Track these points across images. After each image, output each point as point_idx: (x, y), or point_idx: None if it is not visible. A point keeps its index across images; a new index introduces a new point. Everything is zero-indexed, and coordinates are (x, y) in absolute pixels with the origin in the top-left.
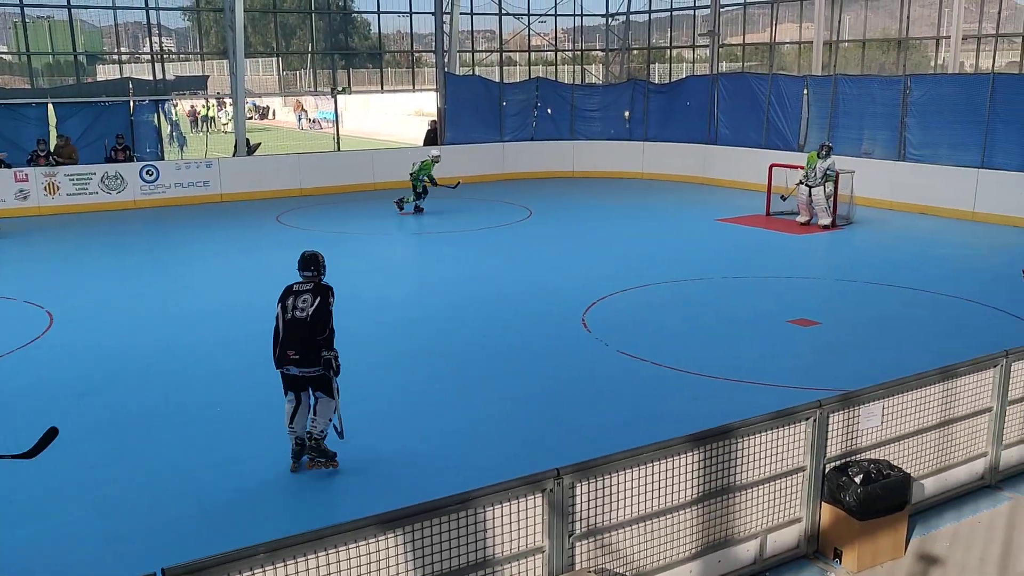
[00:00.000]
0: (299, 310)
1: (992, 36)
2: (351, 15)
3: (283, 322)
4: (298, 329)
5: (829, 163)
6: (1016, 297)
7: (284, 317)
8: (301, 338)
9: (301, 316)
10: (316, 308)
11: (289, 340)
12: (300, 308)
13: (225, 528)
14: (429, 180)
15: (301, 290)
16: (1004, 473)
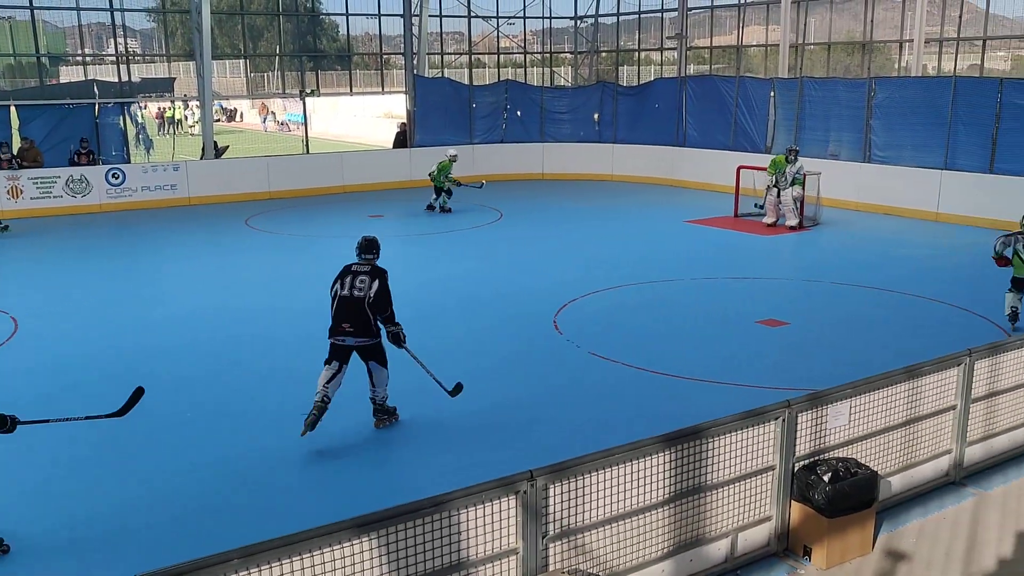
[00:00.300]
0: (357, 289)
1: (954, 39)
2: (319, 17)
3: (339, 297)
4: (354, 305)
5: (798, 167)
6: (978, 296)
7: (341, 292)
8: (356, 313)
9: (359, 295)
10: (377, 291)
11: (344, 314)
12: (358, 288)
13: (195, 534)
14: (452, 181)
15: (359, 271)
16: (968, 470)
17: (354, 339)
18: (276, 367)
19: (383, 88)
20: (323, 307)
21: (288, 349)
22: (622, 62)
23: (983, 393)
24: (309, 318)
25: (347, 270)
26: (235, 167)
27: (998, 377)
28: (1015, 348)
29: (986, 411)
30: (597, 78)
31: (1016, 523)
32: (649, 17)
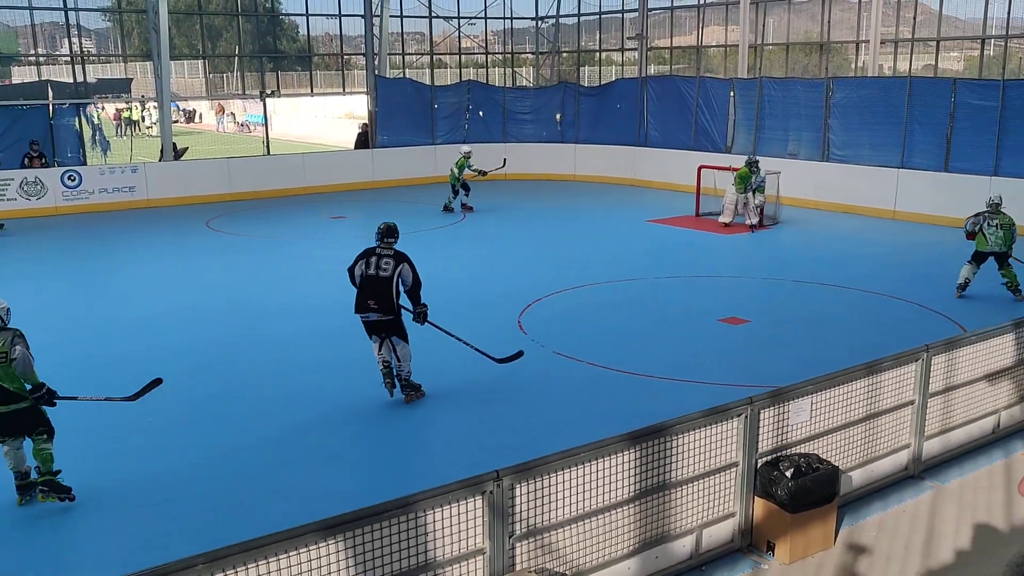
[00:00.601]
0: (382, 270)
1: (908, 40)
2: (279, 17)
3: (365, 277)
4: (379, 285)
5: (763, 174)
6: (935, 293)
7: (367, 272)
8: (380, 292)
9: (384, 275)
10: (412, 275)
11: (369, 292)
12: (383, 268)
13: (158, 540)
14: (478, 173)
15: (383, 254)
16: (926, 463)
17: (377, 315)
18: (241, 370)
19: (344, 89)
20: (288, 307)
21: (253, 351)
22: (583, 62)
23: (940, 388)
24: (274, 318)
25: (370, 252)
26: (195, 168)
27: (954, 372)
28: (971, 343)
29: (943, 405)
30: (559, 78)
31: (972, 515)
32: (610, 17)
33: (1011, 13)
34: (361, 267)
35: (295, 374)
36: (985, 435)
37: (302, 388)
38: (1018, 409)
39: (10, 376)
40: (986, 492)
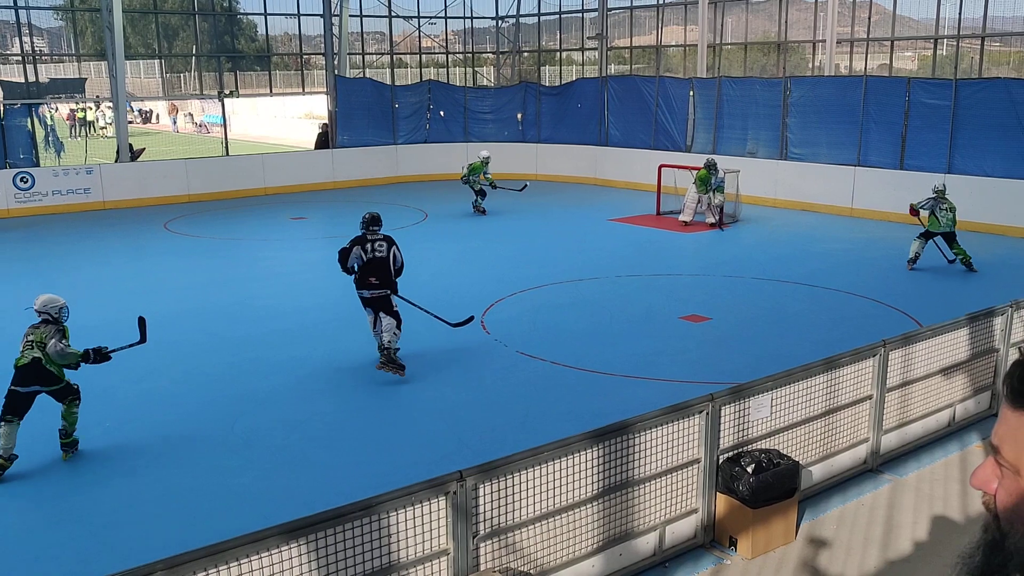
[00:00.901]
0: (378, 252)
1: (864, 40)
2: (236, 17)
3: (367, 259)
4: (381, 263)
5: (721, 176)
6: (892, 288)
7: (367, 256)
8: (382, 270)
9: (381, 256)
10: (394, 252)
11: (372, 271)
12: (378, 250)
13: (116, 547)
14: (489, 182)
15: (374, 238)
16: (884, 457)
17: (378, 291)
18: (199, 372)
19: (304, 89)
20: (247, 309)
21: (210, 353)
22: (544, 62)
23: (897, 382)
24: (232, 321)
25: (363, 239)
26: (152, 170)
27: (911, 366)
28: (926, 338)
29: (900, 400)
30: (519, 78)
31: (929, 507)
32: (570, 17)
33: (962, 14)
34: (359, 252)
35: (254, 376)
36: (941, 428)
37: (261, 390)
38: (973, 402)
39: (56, 365)
40: (942, 484)
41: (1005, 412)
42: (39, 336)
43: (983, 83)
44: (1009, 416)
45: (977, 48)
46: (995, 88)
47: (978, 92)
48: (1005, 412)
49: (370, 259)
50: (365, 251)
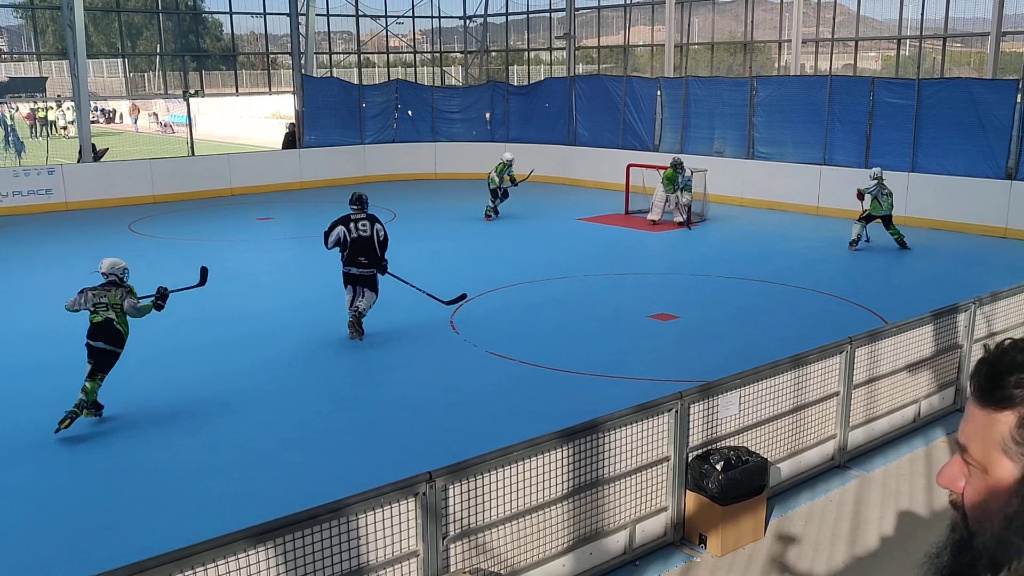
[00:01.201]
0: (362, 231)
1: (829, 40)
2: (201, 15)
3: (351, 239)
4: (364, 244)
5: (688, 175)
6: (858, 286)
7: (351, 235)
8: (368, 249)
9: (365, 235)
10: (377, 229)
11: (359, 250)
12: (362, 230)
13: (79, 553)
14: (511, 181)
15: (357, 218)
16: (851, 453)
17: (368, 269)
18: (163, 376)
19: (270, 88)
20: (214, 311)
21: (176, 356)
22: (512, 62)
23: (864, 379)
24: (198, 323)
25: (348, 219)
26: (116, 170)
27: (877, 363)
28: (892, 335)
29: (867, 396)
30: (487, 77)
31: (896, 502)
32: (537, 17)
33: (924, 15)
34: (342, 232)
35: (221, 379)
36: (907, 424)
37: (229, 392)
38: (937, 398)
39: (125, 326)
40: (908, 479)
41: (972, 410)
42: (112, 298)
43: (945, 83)
44: (976, 414)
45: (939, 48)
46: (956, 88)
47: (940, 92)
48: (972, 410)
49: (355, 239)
50: (349, 231)
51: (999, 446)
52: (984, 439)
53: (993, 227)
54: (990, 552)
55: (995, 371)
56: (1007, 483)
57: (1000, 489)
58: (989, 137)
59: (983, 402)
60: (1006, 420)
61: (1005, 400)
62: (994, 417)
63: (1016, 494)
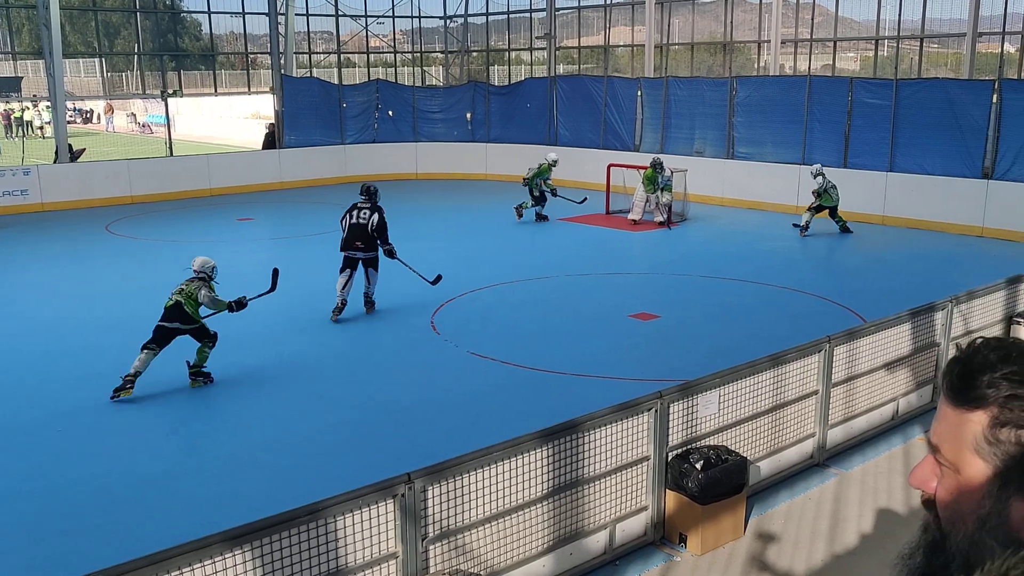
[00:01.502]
0: (362, 218)
1: (807, 40)
2: (179, 15)
3: (348, 224)
4: (360, 230)
5: (667, 174)
6: (836, 285)
7: (351, 221)
8: (363, 235)
9: (363, 222)
10: (378, 222)
11: (354, 236)
12: (362, 218)
13: (55, 558)
14: (550, 189)
15: (363, 207)
16: (830, 451)
17: (363, 253)
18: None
19: (250, 88)
20: None
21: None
22: (493, 62)
23: (842, 377)
24: None
25: (354, 207)
26: (93, 171)
27: (855, 361)
28: (870, 333)
29: (845, 394)
30: (468, 78)
31: (874, 500)
32: (518, 17)
33: (902, 16)
34: (347, 219)
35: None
36: (885, 422)
37: (207, 394)
38: (915, 396)
39: (193, 309)
40: (886, 477)
41: (944, 410)
42: (189, 289)
43: (922, 83)
44: (948, 414)
45: (916, 49)
46: (934, 88)
47: (918, 92)
48: (944, 410)
49: (352, 224)
50: (351, 216)
51: (972, 446)
52: (956, 439)
53: (970, 226)
54: (963, 553)
55: (967, 370)
56: (980, 484)
57: (973, 490)
58: (966, 137)
59: (955, 402)
60: (979, 420)
61: (978, 400)
62: (966, 417)
63: (989, 495)
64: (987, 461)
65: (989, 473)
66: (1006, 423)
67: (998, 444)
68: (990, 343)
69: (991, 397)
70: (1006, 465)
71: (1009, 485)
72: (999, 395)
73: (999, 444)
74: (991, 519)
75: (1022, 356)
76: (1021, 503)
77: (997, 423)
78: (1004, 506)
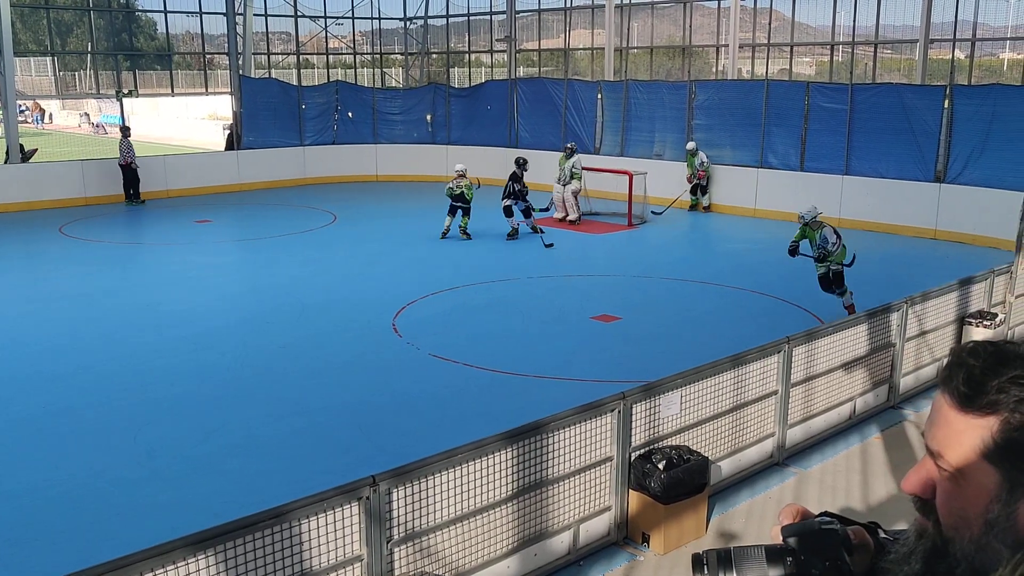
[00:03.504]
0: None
1: (765, 45)
2: (134, 13)
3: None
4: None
5: (573, 162)
6: (794, 287)
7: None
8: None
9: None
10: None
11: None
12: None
13: (12, 566)
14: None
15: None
16: (790, 451)
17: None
18: (96, 382)
19: (207, 89)
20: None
21: (110, 362)
22: (453, 64)
23: (801, 378)
24: (132, 328)
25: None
26: (46, 171)
27: (813, 362)
28: (828, 334)
29: (804, 394)
30: (428, 79)
31: (833, 498)
32: (478, 19)
33: (856, 21)
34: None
35: (160, 384)
36: (843, 421)
37: (167, 398)
38: (872, 395)
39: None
40: (844, 475)
41: (947, 415)
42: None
43: (877, 88)
44: (953, 419)
45: (871, 55)
46: (888, 93)
47: (872, 97)
48: (947, 415)
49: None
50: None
51: (980, 452)
52: (963, 445)
53: (923, 228)
54: (969, 558)
55: (973, 376)
56: (988, 489)
57: (980, 495)
58: (919, 141)
59: (964, 408)
60: (988, 425)
61: (989, 406)
62: (975, 423)
63: (998, 499)
64: (996, 466)
65: (998, 478)
66: (1018, 427)
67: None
68: (985, 347)
69: (1003, 403)
70: (1017, 469)
71: (1018, 488)
72: (1009, 400)
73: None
74: (999, 523)
75: (1018, 358)
76: None
77: (1009, 427)
78: (1012, 510)
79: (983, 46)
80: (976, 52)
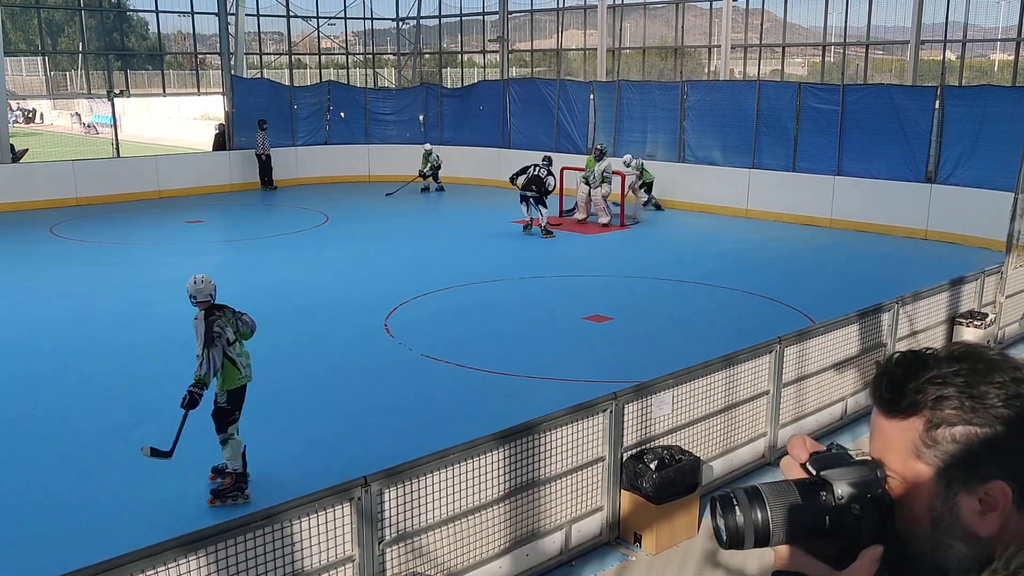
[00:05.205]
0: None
1: (757, 46)
2: (126, 13)
3: (531, 175)
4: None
5: (605, 165)
6: (786, 287)
7: (532, 173)
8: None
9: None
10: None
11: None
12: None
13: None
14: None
15: (539, 165)
16: (781, 450)
17: (535, 193)
18: (86, 384)
19: (199, 89)
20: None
21: (97, 362)
22: (445, 64)
23: (793, 377)
24: (123, 328)
25: (533, 165)
26: (37, 171)
27: (805, 362)
28: (819, 334)
29: (796, 394)
30: (421, 80)
31: None
32: (471, 20)
33: (848, 22)
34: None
35: (149, 385)
36: (835, 421)
37: (158, 399)
38: (863, 395)
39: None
40: None
41: (879, 424)
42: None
43: (868, 89)
44: (884, 427)
45: (862, 55)
46: (879, 94)
47: (864, 97)
48: (879, 424)
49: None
50: (535, 169)
51: (913, 452)
52: (898, 449)
53: (914, 229)
54: (927, 557)
55: (893, 382)
56: (927, 487)
57: (922, 495)
58: (910, 141)
59: (889, 413)
60: (914, 426)
61: (910, 407)
62: (902, 426)
63: (937, 496)
64: (929, 464)
65: (933, 475)
66: (939, 423)
67: (936, 445)
68: (906, 355)
69: (922, 403)
70: (947, 464)
71: (953, 482)
72: (927, 399)
73: (937, 445)
74: (944, 519)
75: (938, 361)
76: (968, 497)
77: (931, 425)
78: (953, 504)
79: (974, 47)
80: (967, 53)
